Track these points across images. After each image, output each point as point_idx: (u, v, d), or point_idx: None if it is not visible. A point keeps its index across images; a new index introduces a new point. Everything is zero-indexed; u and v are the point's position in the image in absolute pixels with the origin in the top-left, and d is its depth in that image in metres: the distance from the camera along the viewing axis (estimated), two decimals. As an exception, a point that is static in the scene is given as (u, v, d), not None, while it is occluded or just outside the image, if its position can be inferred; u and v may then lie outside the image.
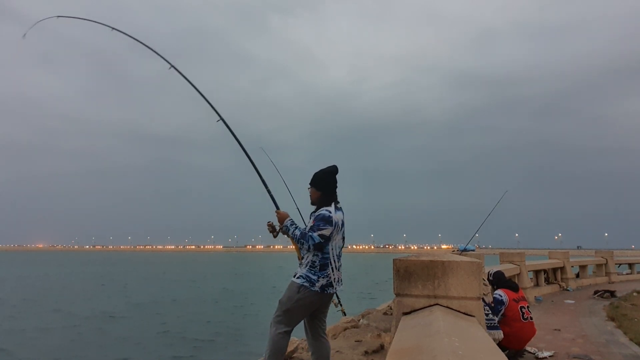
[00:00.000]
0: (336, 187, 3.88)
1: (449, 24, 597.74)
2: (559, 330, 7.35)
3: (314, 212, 3.81)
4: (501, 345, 5.04)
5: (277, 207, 4.05)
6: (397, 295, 2.92)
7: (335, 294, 7.81)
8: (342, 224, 3.81)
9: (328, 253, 3.68)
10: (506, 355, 3.19)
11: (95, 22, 5.38)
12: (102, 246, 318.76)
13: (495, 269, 7.02)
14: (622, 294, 12.20)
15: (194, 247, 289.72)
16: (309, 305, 3.67)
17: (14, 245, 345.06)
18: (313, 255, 3.66)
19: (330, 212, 3.68)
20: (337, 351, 5.22)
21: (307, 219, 3.88)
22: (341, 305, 7.92)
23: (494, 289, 5.95)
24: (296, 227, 3.74)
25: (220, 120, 4.91)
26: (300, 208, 5.93)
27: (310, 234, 3.62)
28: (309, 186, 3.90)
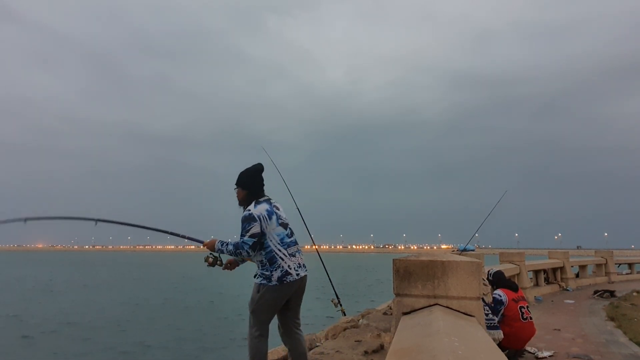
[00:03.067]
0: (263, 185, 3.91)
1: (447, 24, 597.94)
2: (559, 330, 7.35)
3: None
4: (501, 345, 5.04)
5: (200, 242, 4.00)
6: (397, 295, 2.92)
7: (336, 296, 7.85)
8: (270, 214, 3.74)
9: (269, 246, 3.68)
10: (506, 355, 3.19)
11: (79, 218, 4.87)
12: (102, 246, 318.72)
13: (495, 268, 7.01)
14: (622, 293, 12.22)
15: (193, 247, 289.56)
16: (272, 301, 3.68)
17: (14, 245, 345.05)
18: (259, 256, 3.70)
19: (249, 210, 3.71)
20: (337, 351, 5.23)
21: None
22: (341, 305, 7.94)
23: (493, 289, 5.95)
24: (227, 243, 3.73)
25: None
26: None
27: (241, 240, 3.65)
28: (235, 187, 3.91)
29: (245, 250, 3.62)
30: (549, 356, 5.63)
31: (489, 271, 6.35)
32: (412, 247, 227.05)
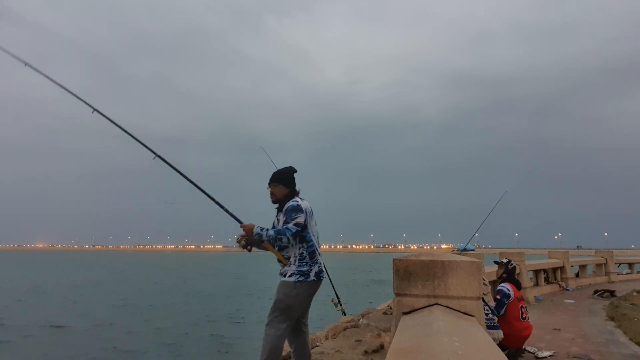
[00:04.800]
0: (296, 184, 4.01)
1: (445, 25, 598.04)
2: (559, 329, 7.34)
3: (280, 209, 3.92)
4: (500, 344, 5.04)
5: (240, 222, 3.95)
6: (397, 295, 2.92)
7: (335, 294, 7.83)
8: (312, 211, 3.90)
9: (312, 240, 3.79)
10: (506, 354, 3.19)
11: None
12: (102, 246, 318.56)
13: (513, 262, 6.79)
14: (622, 293, 12.22)
15: (193, 247, 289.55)
16: (307, 297, 3.74)
17: (14, 245, 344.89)
18: (299, 248, 3.74)
19: (297, 202, 3.81)
20: (337, 351, 5.22)
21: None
22: (341, 305, 7.92)
23: (502, 280, 5.89)
24: (268, 229, 3.76)
25: (157, 157, 4.54)
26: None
27: (285, 226, 3.69)
28: (273, 185, 3.96)
29: (287, 236, 3.64)
30: (549, 356, 5.63)
31: (510, 261, 6.20)
32: (412, 247, 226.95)
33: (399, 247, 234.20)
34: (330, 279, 8.17)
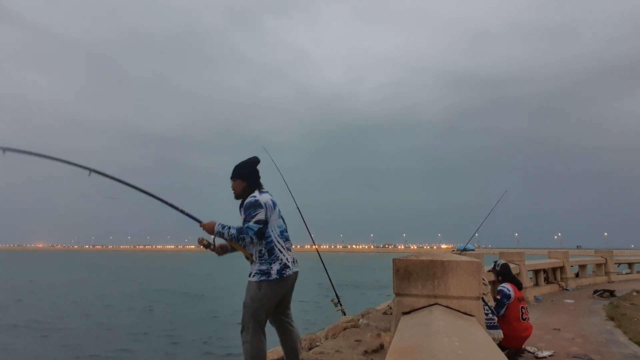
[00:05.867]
0: (259, 177, 3.87)
1: (444, 25, 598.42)
2: (559, 329, 7.34)
3: (241, 205, 3.75)
4: (500, 345, 5.03)
5: (199, 221, 3.79)
6: (397, 294, 2.92)
7: (336, 295, 7.84)
8: (274, 204, 3.76)
9: (270, 236, 3.63)
10: (506, 354, 3.19)
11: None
12: (102, 246, 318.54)
13: (502, 260, 6.83)
14: (622, 293, 12.22)
15: (193, 247, 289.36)
16: (273, 297, 3.61)
17: (14, 245, 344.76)
18: (258, 245, 3.60)
19: (255, 197, 3.65)
20: (337, 350, 5.22)
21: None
22: (341, 304, 7.92)
23: (499, 281, 5.88)
24: (229, 227, 3.59)
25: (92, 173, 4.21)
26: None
27: (246, 225, 3.54)
28: (232, 179, 3.84)
29: (250, 236, 3.50)
30: (549, 356, 5.63)
31: (496, 262, 6.21)
32: (412, 247, 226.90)
33: (399, 247, 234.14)
34: (330, 279, 8.19)
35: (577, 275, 15.51)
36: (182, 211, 3.88)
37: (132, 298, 26.45)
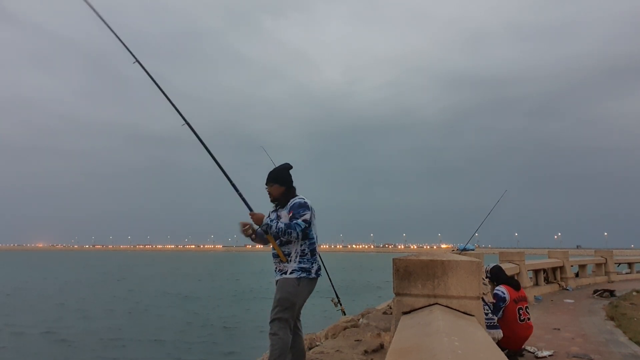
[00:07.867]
0: (293, 181, 4.01)
1: (443, 25, 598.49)
2: (559, 329, 7.34)
3: (278, 207, 3.91)
4: (499, 345, 5.03)
5: (251, 209, 3.93)
6: (397, 294, 2.92)
7: (336, 295, 7.85)
8: (314, 210, 3.93)
9: (313, 238, 3.82)
10: (506, 354, 3.19)
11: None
12: (102, 246, 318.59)
13: (492, 264, 6.79)
14: (622, 293, 12.21)
15: (193, 246, 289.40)
16: (307, 295, 3.78)
17: (14, 245, 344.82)
18: (301, 245, 3.74)
19: (303, 199, 3.83)
20: (337, 350, 5.22)
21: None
22: (341, 304, 7.94)
23: (494, 285, 5.86)
24: (278, 221, 3.74)
25: (185, 125, 4.63)
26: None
27: (295, 222, 3.67)
28: (270, 184, 3.96)
29: (297, 231, 3.65)
30: (549, 356, 5.62)
31: (486, 267, 6.20)
32: (412, 247, 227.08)
33: (399, 246, 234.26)
34: (330, 279, 8.19)
35: (577, 275, 15.50)
36: (240, 194, 4.00)
37: (124, 301, 25.51)
